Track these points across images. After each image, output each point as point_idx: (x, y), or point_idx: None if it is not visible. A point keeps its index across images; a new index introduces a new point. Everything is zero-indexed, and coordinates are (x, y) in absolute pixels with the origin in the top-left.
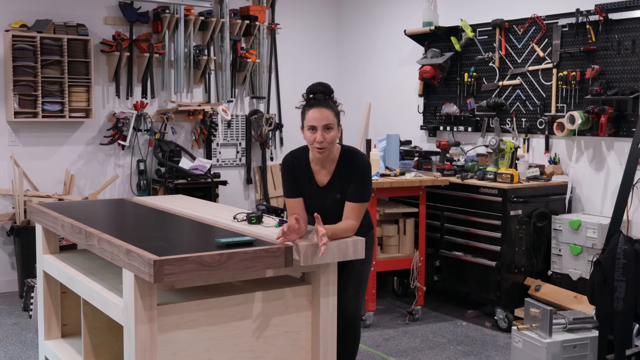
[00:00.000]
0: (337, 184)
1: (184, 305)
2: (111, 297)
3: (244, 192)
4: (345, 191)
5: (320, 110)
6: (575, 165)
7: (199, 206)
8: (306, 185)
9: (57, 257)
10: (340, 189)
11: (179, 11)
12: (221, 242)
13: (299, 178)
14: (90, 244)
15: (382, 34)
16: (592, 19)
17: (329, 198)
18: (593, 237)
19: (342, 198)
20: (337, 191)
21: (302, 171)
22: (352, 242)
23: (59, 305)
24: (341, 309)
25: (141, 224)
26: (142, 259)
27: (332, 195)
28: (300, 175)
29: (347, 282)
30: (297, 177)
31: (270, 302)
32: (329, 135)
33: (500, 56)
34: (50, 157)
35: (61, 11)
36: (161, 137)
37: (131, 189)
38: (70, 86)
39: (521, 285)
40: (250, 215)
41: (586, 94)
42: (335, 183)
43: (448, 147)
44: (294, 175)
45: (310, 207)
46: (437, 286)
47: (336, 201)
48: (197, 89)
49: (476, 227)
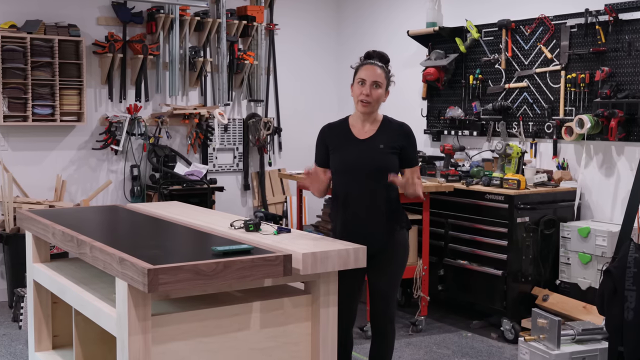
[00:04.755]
0: (380, 138)
1: (179, 315)
2: (104, 307)
3: (242, 199)
4: (389, 145)
5: (372, 67)
6: (584, 171)
7: (194, 213)
8: (342, 141)
9: (48, 265)
10: (384, 142)
11: (174, 11)
12: (218, 250)
13: (333, 139)
14: (82, 252)
15: (384, 34)
16: (602, 19)
17: (370, 148)
18: (603, 245)
19: (385, 150)
20: (380, 143)
21: (338, 132)
22: (353, 250)
23: (49, 315)
24: (391, 305)
25: (135, 232)
26: (135, 268)
27: (374, 146)
28: (335, 135)
29: (396, 278)
30: (331, 139)
31: (269, 313)
32: (375, 92)
33: (507, 58)
34: (41, 162)
35: (52, 11)
36: (155, 142)
37: (124, 195)
38: (61, 89)
39: (528, 295)
40: (247, 223)
41: (596, 96)
42: (378, 137)
43: (452, 152)
44: (325, 142)
45: (348, 161)
46: (441, 296)
47: (378, 151)
48: (193, 92)
49: (482, 234)
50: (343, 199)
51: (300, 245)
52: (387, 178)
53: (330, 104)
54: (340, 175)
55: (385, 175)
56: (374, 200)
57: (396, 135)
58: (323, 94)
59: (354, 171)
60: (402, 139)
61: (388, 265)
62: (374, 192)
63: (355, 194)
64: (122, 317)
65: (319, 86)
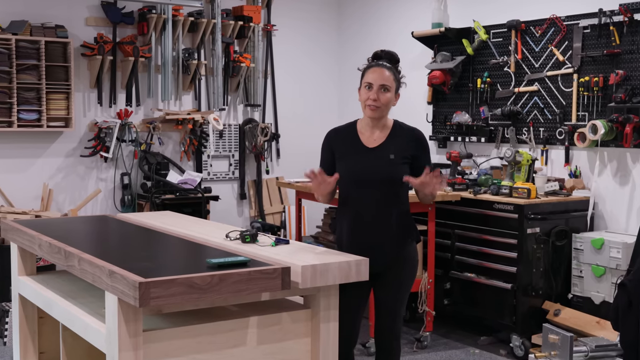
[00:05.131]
0: (390, 147)
1: (171, 331)
2: (93, 323)
3: (237, 209)
4: (400, 155)
5: (379, 70)
6: (597, 179)
7: (188, 223)
8: (350, 149)
9: (34, 279)
10: (394, 152)
11: (166, 11)
12: (212, 262)
13: (340, 146)
14: (70, 265)
15: (387, 35)
16: (616, 19)
17: (379, 158)
18: (617, 257)
19: (396, 160)
20: (390, 152)
21: (345, 138)
22: (355, 262)
23: (35, 331)
24: (397, 321)
25: (125, 243)
26: (126, 281)
27: (383, 155)
28: (342, 140)
29: (404, 292)
30: (338, 145)
31: (266, 328)
32: (384, 96)
33: (516, 60)
34: (27, 170)
35: (38, 11)
36: (147, 149)
37: (114, 204)
38: (48, 93)
39: (539, 309)
40: (244, 234)
41: (610, 101)
42: (388, 146)
43: (459, 160)
44: (331, 148)
45: (355, 172)
46: (448, 310)
47: (388, 162)
48: (187, 96)
49: (490, 246)
50: (350, 210)
51: (299, 257)
52: (398, 189)
53: (331, 108)
54: (347, 185)
55: (396, 186)
56: (383, 212)
57: (407, 143)
58: (323, 98)
59: (363, 182)
60: (414, 147)
61: (396, 279)
62: (384, 203)
63: (364, 205)
64: (112, 333)
65: (319, 89)
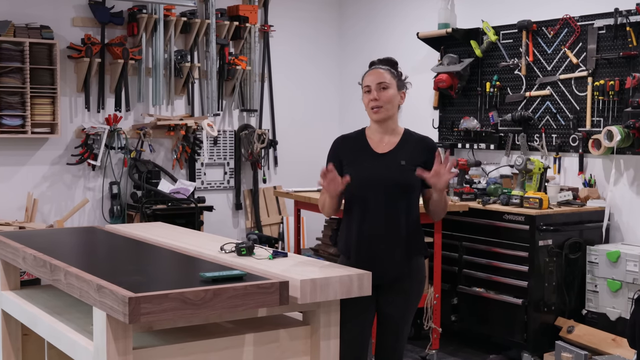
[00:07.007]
0: (401, 153)
1: (163, 349)
2: (80, 340)
3: (233, 219)
4: (412, 162)
5: (374, 71)
6: (613, 189)
7: (180, 235)
8: (358, 155)
9: (18, 294)
10: (405, 158)
11: (157, 11)
12: (206, 276)
13: (348, 152)
14: (55, 279)
15: (391, 37)
16: (633, 19)
17: (390, 165)
18: (634, 270)
19: (408, 166)
20: (401, 158)
21: (353, 144)
22: (357, 276)
23: (19, 349)
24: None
25: (114, 256)
26: (115, 296)
27: (394, 161)
28: (350, 147)
29: (410, 310)
30: (346, 152)
31: (263, 346)
32: (384, 94)
33: (528, 63)
34: (10, 178)
35: (22, 11)
36: (137, 156)
37: (103, 215)
38: (32, 97)
39: (551, 326)
40: (239, 246)
41: (626, 106)
42: (399, 152)
43: (467, 168)
44: (339, 156)
45: (365, 178)
46: (455, 327)
47: (399, 167)
48: (179, 101)
49: (500, 259)
50: (357, 219)
51: (298, 271)
52: (408, 197)
53: (332, 113)
54: (355, 193)
55: (406, 193)
56: (392, 221)
57: (417, 151)
58: (324, 103)
59: (372, 188)
60: (425, 155)
61: (403, 295)
62: (393, 211)
63: (372, 213)
64: (101, 351)
65: (319, 94)
